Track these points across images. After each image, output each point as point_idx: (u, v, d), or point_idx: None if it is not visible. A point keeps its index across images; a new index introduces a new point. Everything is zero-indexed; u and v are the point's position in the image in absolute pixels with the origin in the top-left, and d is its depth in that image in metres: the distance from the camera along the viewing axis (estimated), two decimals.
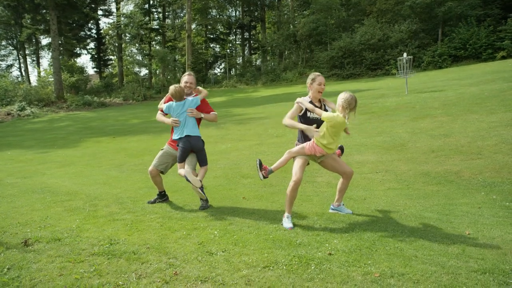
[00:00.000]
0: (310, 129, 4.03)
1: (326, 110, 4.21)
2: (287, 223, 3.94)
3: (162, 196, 5.17)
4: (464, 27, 25.94)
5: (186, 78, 4.88)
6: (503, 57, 23.86)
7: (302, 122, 4.17)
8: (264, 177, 4.30)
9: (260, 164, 4.32)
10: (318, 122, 4.10)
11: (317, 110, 4.01)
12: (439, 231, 3.70)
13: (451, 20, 27.33)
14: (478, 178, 5.81)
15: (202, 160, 4.82)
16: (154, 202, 5.10)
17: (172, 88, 4.66)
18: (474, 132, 7.94)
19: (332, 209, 4.49)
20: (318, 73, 4.24)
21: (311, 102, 4.16)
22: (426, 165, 6.66)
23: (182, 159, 4.74)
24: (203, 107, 4.89)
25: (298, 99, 4.15)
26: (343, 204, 4.50)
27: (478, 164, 6.32)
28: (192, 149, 4.74)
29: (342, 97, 3.88)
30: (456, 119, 9.28)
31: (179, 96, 4.67)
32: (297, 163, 4.07)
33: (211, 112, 4.92)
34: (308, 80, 4.21)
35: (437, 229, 3.78)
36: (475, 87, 13.29)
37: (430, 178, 6.10)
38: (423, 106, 11.43)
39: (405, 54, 15.71)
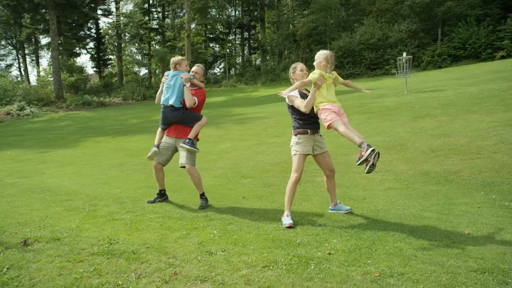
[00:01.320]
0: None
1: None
2: (287, 220, 3.95)
3: (162, 196, 5.17)
4: (464, 26, 25.94)
5: (194, 68, 5.10)
6: (503, 57, 23.87)
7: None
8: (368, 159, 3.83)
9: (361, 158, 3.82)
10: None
11: (296, 84, 3.95)
12: (439, 231, 3.70)
13: (451, 20, 27.33)
14: (477, 178, 5.81)
15: (190, 122, 4.83)
16: (153, 201, 5.10)
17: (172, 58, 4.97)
18: (474, 132, 7.94)
19: (331, 210, 4.49)
20: (298, 62, 4.26)
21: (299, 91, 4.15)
22: (425, 164, 6.66)
23: (162, 123, 4.92)
24: (195, 92, 4.95)
25: (286, 94, 4.00)
26: (340, 203, 4.49)
27: (477, 164, 6.32)
28: (170, 121, 4.85)
29: (320, 55, 3.95)
30: (456, 118, 9.29)
31: (172, 66, 4.90)
32: (298, 159, 4.07)
33: (194, 97, 4.87)
34: (290, 71, 4.22)
35: (437, 228, 3.79)
36: (475, 87, 13.29)
37: (430, 177, 6.10)
38: (423, 105, 11.43)
39: (404, 54, 15.70)
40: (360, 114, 11.97)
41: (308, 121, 4.15)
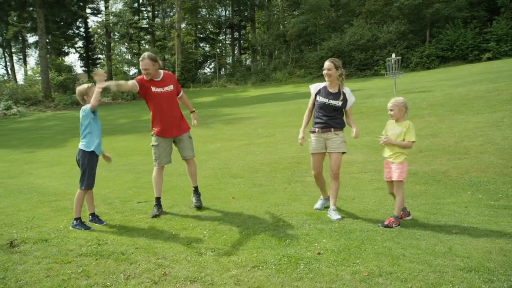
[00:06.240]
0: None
1: (346, 99, 4.45)
2: (335, 215, 4.15)
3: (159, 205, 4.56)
4: (451, 28, 26.31)
5: (141, 65, 4.50)
6: (489, 59, 24.26)
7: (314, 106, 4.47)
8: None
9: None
10: (325, 105, 4.37)
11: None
12: (427, 230, 3.74)
13: (439, 22, 27.69)
14: (464, 178, 5.89)
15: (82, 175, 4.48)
16: (159, 214, 4.44)
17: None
18: (461, 132, 8.05)
19: (322, 209, 4.51)
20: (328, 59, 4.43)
21: (324, 87, 4.42)
22: (414, 164, 6.73)
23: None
24: (165, 76, 4.63)
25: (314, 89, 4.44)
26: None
27: (464, 164, 6.41)
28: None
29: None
30: (444, 119, 9.40)
31: (80, 99, 4.44)
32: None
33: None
34: (334, 65, 4.35)
35: (425, 228, 3.83)
36: (462, 88, 13.47)
37: (418, 177, 6.16)
38: (411, 106, 11.52)
39: (393, 55, 15.85)
40: None
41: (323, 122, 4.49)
